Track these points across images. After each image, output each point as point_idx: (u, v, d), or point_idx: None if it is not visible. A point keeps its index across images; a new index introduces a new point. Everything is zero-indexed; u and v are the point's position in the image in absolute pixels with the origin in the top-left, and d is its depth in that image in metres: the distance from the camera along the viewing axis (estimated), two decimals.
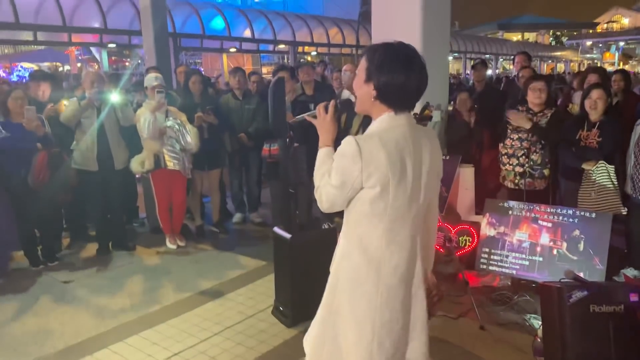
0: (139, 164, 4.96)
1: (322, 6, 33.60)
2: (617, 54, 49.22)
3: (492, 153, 4.82)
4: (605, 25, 68.84)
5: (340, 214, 1.93)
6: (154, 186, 5.13)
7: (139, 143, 5.04)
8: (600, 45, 52.96)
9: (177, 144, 4.99)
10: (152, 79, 4.98)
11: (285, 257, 3.55)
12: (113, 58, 24.90)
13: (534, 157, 4.28)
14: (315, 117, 1.99)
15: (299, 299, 3.55)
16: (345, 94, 5.59)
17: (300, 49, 22.51)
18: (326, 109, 1.95)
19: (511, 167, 4.38)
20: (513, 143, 4.35)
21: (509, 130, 4.37)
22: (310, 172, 2.01)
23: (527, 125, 4.21)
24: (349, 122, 5.47)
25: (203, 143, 5.18)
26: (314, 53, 23.52)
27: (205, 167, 5.49)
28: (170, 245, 5.24)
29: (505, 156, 4.41)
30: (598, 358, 2.61)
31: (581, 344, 2.63)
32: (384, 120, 1.81)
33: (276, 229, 3.68)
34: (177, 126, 4.96)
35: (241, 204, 6.18)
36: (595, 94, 4.08)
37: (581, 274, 3.81)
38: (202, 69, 23.01)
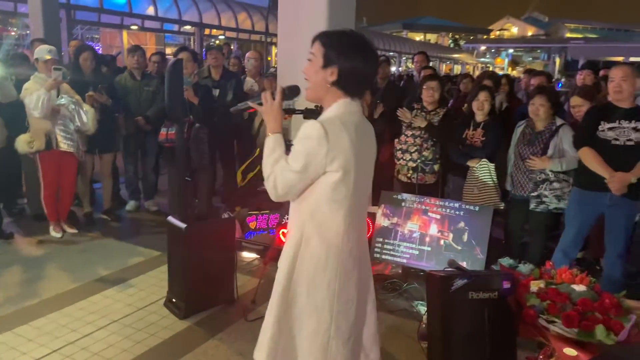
0: (26, 144, 4.53)
1: None
2: (506, 60, 53.35)
3: (389, 148, 5.01)
4: (497, 32, 74.40)
5: (242, 203, 1.91)
6: (41, 168, 4.69)
7: (20, 121, 4.59)
8: (493, 50, 57.13)
9: (71, 124, 4.62)
10: (43, 51, 4.55)
11: (180, 247, 3.43)
12: None
13: (425, 153, 4.51)
14: (260, 104, 1.94)
15: (192, 290, 3.46)
16: (250, 82, 5.52)
17: (207, 31, 21.84)
18: (273, 96, 1.91)
19: (405, 162, 4.58)
20: (407, 139, 4.55)
21: (403, 127, 4.57)
22: (212, 155, 1.97)
23: (422, 124, 4.43)
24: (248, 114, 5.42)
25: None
26: (221, 37, 22.94)
27: (96, 151, 5.15)
28: (55, 233, 4.87)
29: (400, 151, 4.61)
30: (475, 340, 2.81)
31: (460, 328, 2.82)
32: (342, 106, 1.83)
33: (170, 218, 3.55)
34: (72, 105, 4.58)
35: (136, 190, 5.88)
36: (482, 95, 4.38)
37: (464, 263, 4.11)
38: (100, 46, 21.49)
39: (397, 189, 4.86)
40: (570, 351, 2.53)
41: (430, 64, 6.65)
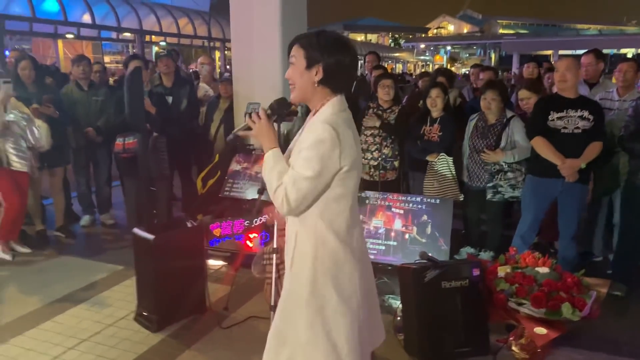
0: None
1: None
2: (445, 57, 55.06)
3: None
4: (435, 31, 76.65)
5: (203, 211, 1.90)
6: None
7: None
8: (432, 48, 58.80)
9: (24, 141, 4.37)
10: None
11: (148, 259, 3.35)
12: None
13: (385, 150, 4.62)
14: (248, 129, 1.93)
15: (164, 302, 3.39)
16: (204, 87, 5.45)
17: (147, 38, 21.29)
18: (258, 115, 1.90)
19: (366, 160, 4.66)
20: (367, 139, 4.64)
21: (362, 128, 4.66)
22: (172, 163, 1.94)
23: (376, 124, 4.53)
24: (209, 116, 5.36)
25: None
26: (162, 43, 22.44)
27: (45, 165, 4.92)
28: (4, 255, 4.59)
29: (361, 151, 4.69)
30: (449, 327, 2.92)
31: (435, 317, 2.92)
32: (336, 104, 1.85)
33: (136, 230, 3.46)
34: (23, 121, 4.33)
35: (89, 204, 5.68)
36: (434, 92, 4.53)
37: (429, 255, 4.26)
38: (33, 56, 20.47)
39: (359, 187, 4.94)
40: (540, 330, 2.67)
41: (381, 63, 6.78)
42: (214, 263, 4.46)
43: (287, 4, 4.89)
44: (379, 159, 4.61)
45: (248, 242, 4.66)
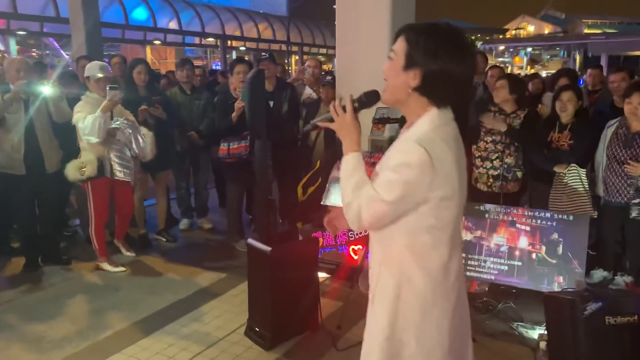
0: (76, 170, 4.17)
1: (248, 1, 32.91)
2: (525, 59, 52.57)
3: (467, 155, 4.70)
4: (513, 32, 73.58)
5: (303, 219, 1.61)
6: (92, 198, 4.30)
7: (73, 143, 4.36)
8: (511, 50, 56.36)
9: (128, 150, 4.28)
10: (95, 68, 4.24)
11: (264, 272, 3.17)
12: (17, 47, 22.73)
13: (508, 159, 4.20)
14: (330, 120, 1.64)
15: (278, 318, 3.20)
16: (308, 91, 5.28)
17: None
18: (343, 107, 1.61)
19: (485, 169, 4.27)
20: (487, 145, 4.24)
21: (482, 133, 4.27)
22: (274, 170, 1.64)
23: (503, 128, 4.12)
24: (309, 121, 5.15)
25: None
26: (242, 48, 22.91)
27: (152, 169, 4.92)
28: (108, 267, 4.46)
29: (479, 159, 4.30)
30: None
31: (596, 358, 2.51)
32: (436, 117, 1.51)
33: (251, 241, 3.30)
34: (128, 129, 4.24)
35: (188, 208, 5.68)
36: (566, 96, 4.06)
37: (560, 279, 3.81)
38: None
39: (474, 198, 4.55)
40: None
41: None
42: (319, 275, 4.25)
43: (397, 2, 4.61)
44: (500, 168, 4.20)
45: (352, 254, 4.42)
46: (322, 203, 4.76)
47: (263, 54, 5.85)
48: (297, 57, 25.34)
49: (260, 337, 3.25)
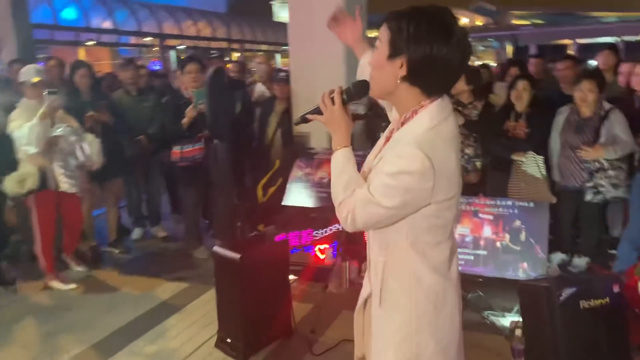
0: (16, 183, 3.84)
1: None
2: None
3: None
4: None
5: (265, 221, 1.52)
6: (36, 212, 4.00)
7: (9, 155, 3.99)
8: None
9: (72, 159, 3.99)
10: (31, 72, 3.91)
11: (234, 280, 3.02)
12: None
13: (467, 150, 4.24)
14: (318, 112, 1.55)
15: (250, 327, 3.06)
16: (260, 89, 5.13)
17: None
18: (332, 99, 1.52)
19: None
20: None
21: None
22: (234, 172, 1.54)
23: (460, 122, 4.15)
24: (264, 119, 5.02)
25: None
26: (181, 47, 22.22)
27: (101, 178, 4.62)
28: (58, 285, 4.14)
29: None
30: (591, 352, 2.55)
31: (574, 342, 2.55)
32: (435, 112, 1.42)
33: (217, 248, 3.14)
34: (72, 136, 3.94)
35: (140, 217, 5.40)
36: (521, 84, 4.14)
37: (525, 264, 3.89)
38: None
39: None
40: None
41: None
42: None
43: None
44: (461, 159, 4.23)
45: (319, 254, 4.33)
46: (283, 204, 4.65)
47: (212, 52, 5.64)
48: (238, 55, 24.92)
49: (232, 349, 3.10)
